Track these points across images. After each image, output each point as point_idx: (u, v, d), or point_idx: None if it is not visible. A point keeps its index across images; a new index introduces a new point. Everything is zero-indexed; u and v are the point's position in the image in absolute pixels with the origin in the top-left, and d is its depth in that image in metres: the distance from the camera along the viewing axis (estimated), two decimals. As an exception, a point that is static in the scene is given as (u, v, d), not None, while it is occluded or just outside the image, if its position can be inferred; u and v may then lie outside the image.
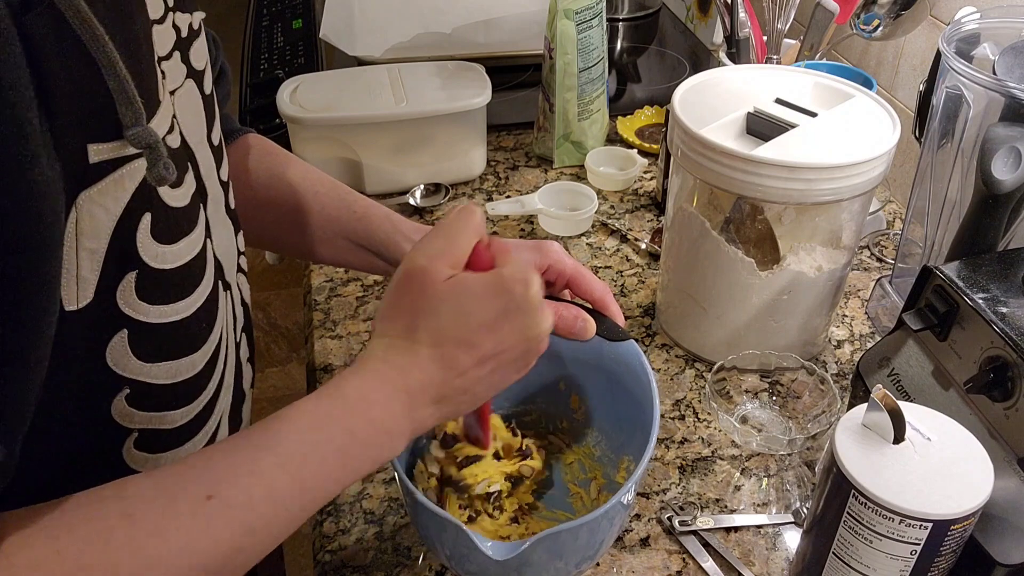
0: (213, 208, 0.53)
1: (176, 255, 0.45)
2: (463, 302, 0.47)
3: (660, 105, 1.25)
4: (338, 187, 0.73)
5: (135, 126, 0.38)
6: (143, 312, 0.44)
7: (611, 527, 0.58)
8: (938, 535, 0.52)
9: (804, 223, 0.78)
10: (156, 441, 0.49)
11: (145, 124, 0.39)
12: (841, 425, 0.56)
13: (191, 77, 0.50)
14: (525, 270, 0.48)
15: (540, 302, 0.49)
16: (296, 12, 1.54)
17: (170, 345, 0.47)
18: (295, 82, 1.08)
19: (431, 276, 0.48)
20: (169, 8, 0.47)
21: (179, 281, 0.46)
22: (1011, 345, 0.58)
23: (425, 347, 0.47)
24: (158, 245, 0.44)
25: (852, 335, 0.89)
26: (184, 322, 0.47)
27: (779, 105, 0.78)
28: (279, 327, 2.45)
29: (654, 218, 1.06)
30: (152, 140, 0.39)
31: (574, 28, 1.06)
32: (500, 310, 0.47)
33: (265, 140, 0.74)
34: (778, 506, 0.71)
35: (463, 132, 1.08)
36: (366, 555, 0.68)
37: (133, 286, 0.43)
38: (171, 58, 0.47)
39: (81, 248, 0.39)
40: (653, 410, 0.60)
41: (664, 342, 0.88)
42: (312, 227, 0.71)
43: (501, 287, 0.48)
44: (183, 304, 0.47)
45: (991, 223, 0.69)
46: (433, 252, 0.48)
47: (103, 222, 0.40)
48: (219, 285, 0.52)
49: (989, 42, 0.75)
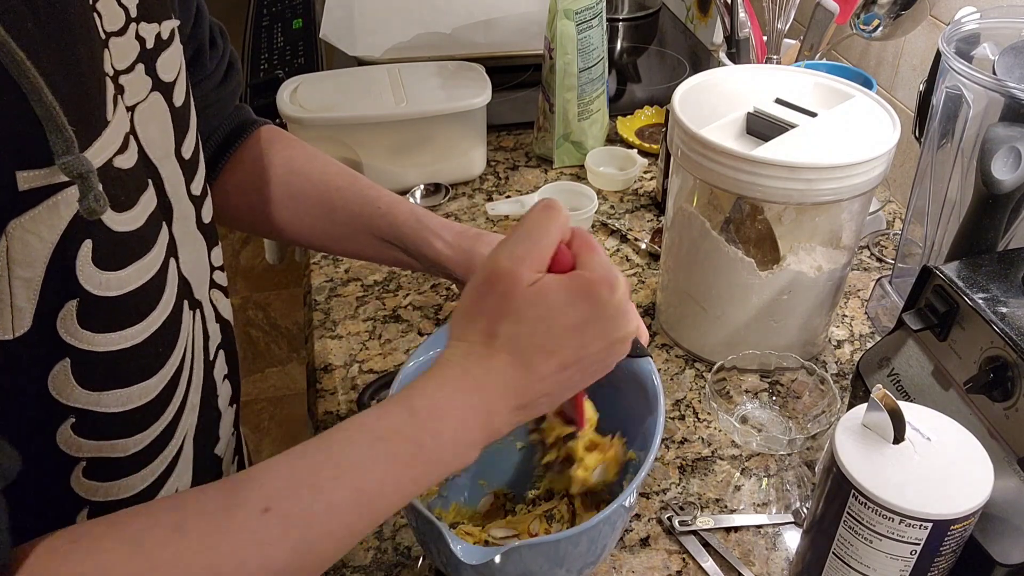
0: (180, 225, 0.51)
1: (123, 281, 0.43)
2: (547, 309, 0.46)
3: (660, 105, 1.25)
4: (359, 181, 0.71)
5: (66, 155, 0.37)
6: (87, 341, 0.42)
7: (612, 531, 0.58)
8: (938, 535, 0.52)
9: (804, 223, 0.78)
10: (107, 469, 0.46)
11: (77, 153, 0.37)
12: (841, 425, 0.56)
13: (157, 90, 0.48)
14: (609, 272, 0.47)
15: (625, 305, 0.48)
16: (296, 12, 1.54)
17: (120, 373, 0.45)
18: (295, 82, 1.08)
19: (516, 280, 0.46)
20: (131, 19, 0.45)
21: (129, 308, 0.44)
22: (1011, 345, 0.58)
23: (506, 354, 0.46)
24: (101, 272, 0.42)
25: (852, 335, 0.89)
26: (136, 349, 0.45)
27: (779, 105, 0.78)
28: (279, 327, 2.45)
29: (654, 218, 1.06)
30: (84, 170, 0.37)
31: (574, 28, 1.06)
32: (585, 316, 0.46)
33: (283, 132, 0.73)
34: (778, 506, 0.71)
35: (463, 132, 1.08)
36: (366, 555, 0.68)
37: (75, 314, 0.41)
38: (133, 71, 0.45)
39: (14, 277, 0.38)
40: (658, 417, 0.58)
41: (664, 342, 0.88)
42: (335, 223, 0.70)
43: (586, 292, 0.46)
44: (134, 330, 0.45)
45: (991, 223, 0.69)
46: (518, 255, 0.46)
47: (37, 250, 0.38)
48: (183, 305, 0.50)
49: (989, 42, 0.75)
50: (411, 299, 0.93)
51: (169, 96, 0.49)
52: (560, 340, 0.46)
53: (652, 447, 0.57)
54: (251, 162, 0.70)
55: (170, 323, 0.48)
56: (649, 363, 0.62)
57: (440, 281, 0.96)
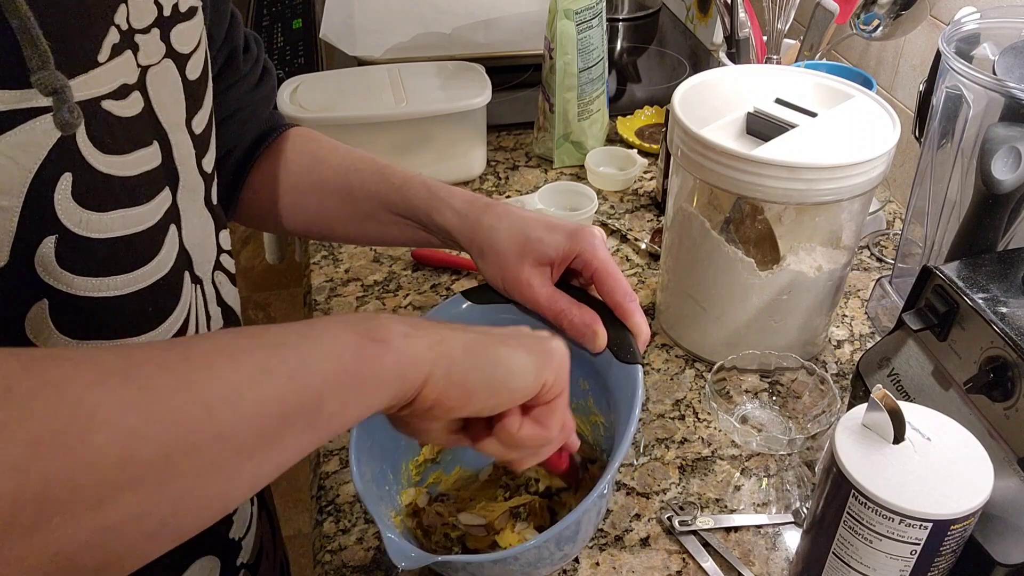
0: (187, 196, 0.51)
1: (105, 225, 0.43)
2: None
3: (660, 105, 1.25)
4: (376, 162, 0.71)
5: (41, 70, 0.37)
6: (65, 282, 0.41)
7: (552, 555, 0.57)
8: (938, 535, 0.52)
9: (804, 223, 0.78)
10: None
11: (52, 69, 0.37)
12: (841, 425, 0.56)
13: (171, 58, 0.48)
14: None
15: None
16: (296, 12, 1.54)
17: (100, 324, 0.44)
18: (295, 82, 1.08)
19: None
20: None
21: (111, 255, 0.44)
22: (1011, 345, 0.58)
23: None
24: (82, 210, 0.41)
25: (852, 335, 0.89)
26: (119, 301, 0.44)
27: (779, 105, 0.78)
28: (279, 327, 2.45)
29: (654, 218, 1.06)
30: (59, 85, 0.37)
31: (574, 28, 1.06)
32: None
33: (311, 131, 0.74)
34: (778, 506, 0.71)
35: (463, 132, 1.08)
36: (366, 555, 0.68)
37: (53, 252, 0.40)
38: (149, 32, 0.46)
39: None
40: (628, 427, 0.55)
41: (664, 342, 0.88)
42: (355, 204, 0.70)
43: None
44: (117, 280, 0.44)
45: (991, 223, 0.69)
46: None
47: (14, 176, 0.38)
48: (183, 277, 0.50)
49: (989, 42, 0.75)
50: (411, 299, 0.93)
51: (183, 68, 0.50)
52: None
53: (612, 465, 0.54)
54: (278, 157, 0.71)
55: (164, 288, 0.48)
56: (638, 371, 0.59)
57: (440, 281, 0.96)
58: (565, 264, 0.60)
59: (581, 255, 0.58)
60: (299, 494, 2.00)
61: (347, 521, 0.70)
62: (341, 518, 0.71)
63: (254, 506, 0.67)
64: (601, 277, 0.58)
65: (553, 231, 0.59)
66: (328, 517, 0.71)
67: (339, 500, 0.72)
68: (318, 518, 0.71)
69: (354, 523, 0.70)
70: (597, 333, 0.57)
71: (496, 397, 0.45)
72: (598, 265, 0.58)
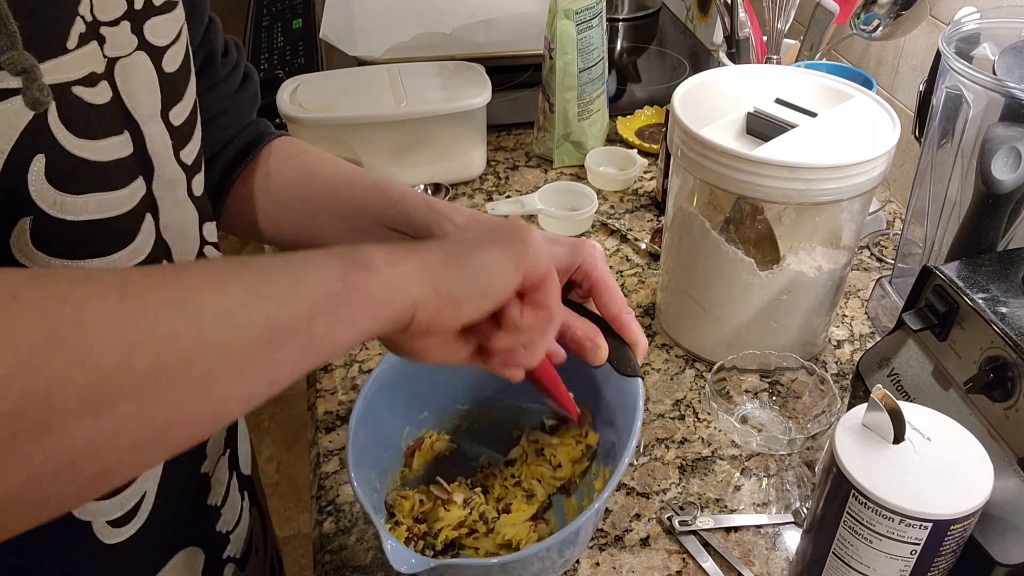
0: (165, 187, 0.51)
1: (80, 208, 0.43)
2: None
3: (660, 105, 1.25)
4: (369, 177, 0.71)
5: (10, 50, 0.37)
6: (41, 263, 0.42)
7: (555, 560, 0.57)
8: (938, 535, 0.52)
9: (804, 223, 0.78)
10: None
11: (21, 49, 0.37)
12: (841, 425, 0.56)
13: (144, 50, 0.49)
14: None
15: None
16: (296, 12, 1.54)
17: None
18: (295, 82, 1.08)
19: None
20: None
21: (86, 238, 0.44)
22: (1011, 345, 0.58)
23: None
24: (57, 192, 0.42)
25: (852, 335, 0.89)
26: None
27: (779, 105, 0.78)
28: (279, 327, 2.45)
29: (654, 218, 1.06)
30: (28, 64, 0.38)
31: (574, 28, 1.06)
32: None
33: (299, 142, 0.73)
34: (778, 506, 0.71)
35: (463, 132, 1.08)
36: (366, 555, 0.68)
37: (28, 233, 0.41)
38: (117, 25, 0.46)
39: None
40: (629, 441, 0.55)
41: (664, 342, 0.88)
42: (349, 219, 0.70)
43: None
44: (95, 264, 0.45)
45: (991, 223, 0.69)
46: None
47: None
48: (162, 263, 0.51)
49: (989, 42, 0.75)
50: (411, 299, 0.93)
51: (158, 60, 0.50)
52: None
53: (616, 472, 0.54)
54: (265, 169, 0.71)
55: None
56: (638, 384, 0.59)
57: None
58: (567, 276, 0.60)
59: (583, 266, 0.59)
60: (299, 494, 2.00)
61: (347, 521, 0.70)
62: (341, 518, 0.71)
63: (244, 500, 0.67)
64: (600, 289, 0.59)
65: (555, 244, 0.60)
66: (328, 517, 0.71)
67: (339, 500, 0.72)
68: (318, 518, 0.71)
69: (354, 523, 0.70)
70: (599, 345, 0.57)
71: (484, 300, 0.46)
72: (598, 276, 0.59)
